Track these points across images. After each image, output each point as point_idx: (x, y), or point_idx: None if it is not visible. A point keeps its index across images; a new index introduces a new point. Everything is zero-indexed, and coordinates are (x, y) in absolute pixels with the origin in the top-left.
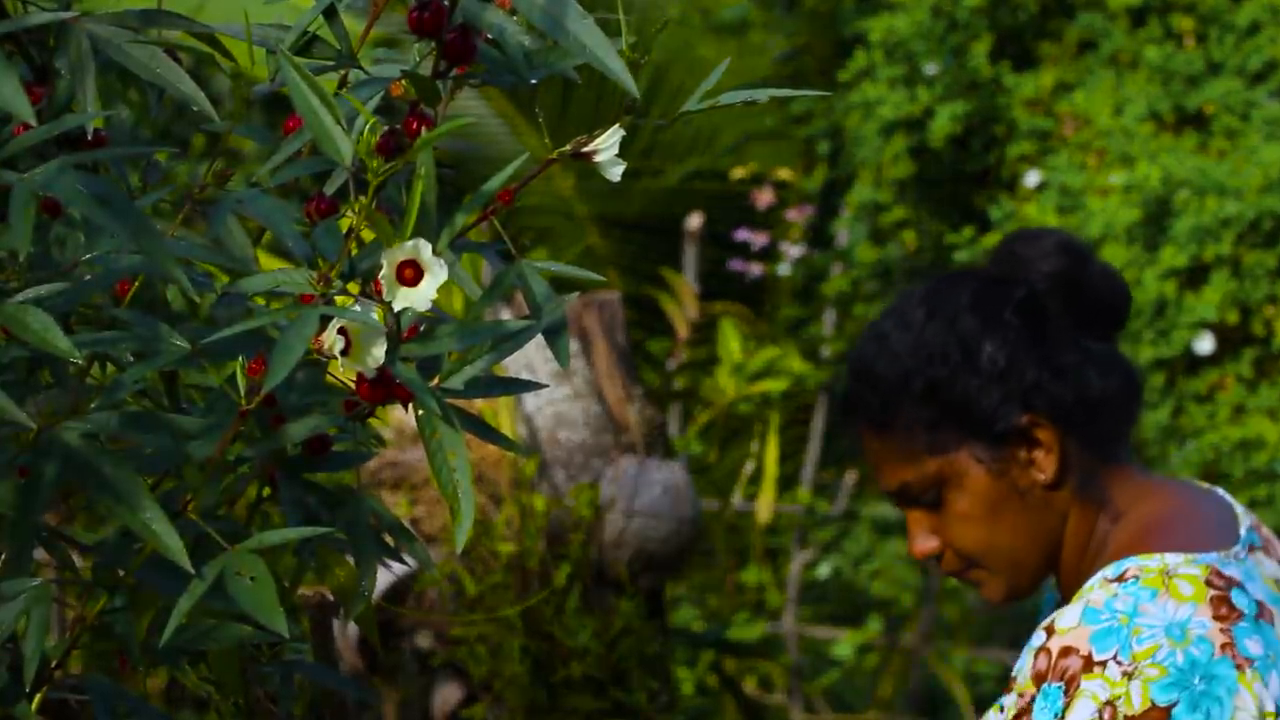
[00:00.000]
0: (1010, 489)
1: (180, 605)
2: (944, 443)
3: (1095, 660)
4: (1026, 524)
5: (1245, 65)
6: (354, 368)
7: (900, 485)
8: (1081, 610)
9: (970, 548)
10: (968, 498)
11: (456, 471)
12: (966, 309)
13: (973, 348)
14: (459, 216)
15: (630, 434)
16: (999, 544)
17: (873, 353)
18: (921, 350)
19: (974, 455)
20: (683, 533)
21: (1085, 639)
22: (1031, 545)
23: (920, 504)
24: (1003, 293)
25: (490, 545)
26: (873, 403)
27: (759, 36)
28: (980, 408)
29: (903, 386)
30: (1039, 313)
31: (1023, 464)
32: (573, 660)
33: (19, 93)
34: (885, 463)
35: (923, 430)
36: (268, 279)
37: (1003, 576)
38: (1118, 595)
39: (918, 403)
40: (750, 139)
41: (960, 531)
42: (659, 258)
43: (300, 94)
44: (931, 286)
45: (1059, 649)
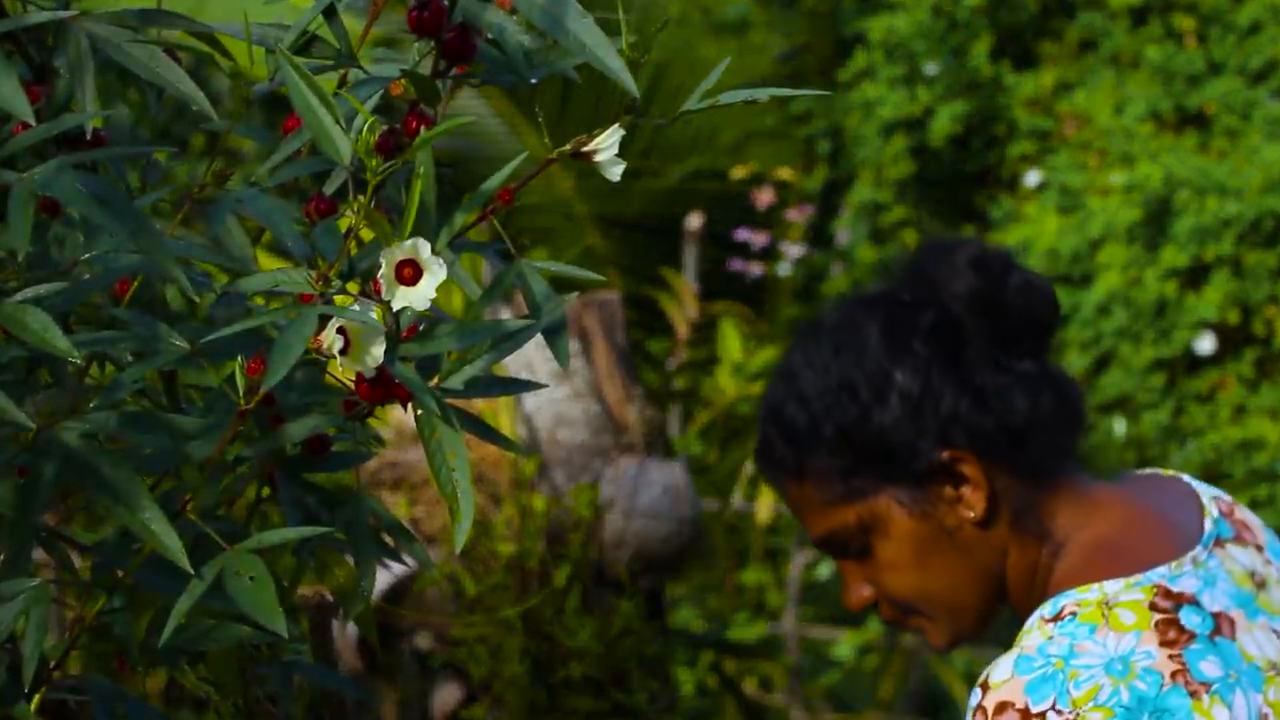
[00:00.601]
0: (938, 530)
1: (179, 605)
2: (862, 489)
3: (1033, 712)
4: (961, 566)
5: (1246, 65)
6: (353, 367)
7: (825, 534)
8: (1014, 660)
9: (904, 595)
10: (894, 544)
11: (456, 472)
12: (875, 340)
13: (883, 383)
14: (458, 216)
15: (630, 434)
16: (933, 590)
17: (781, 396)
18: (829, 391)
19: (895, 499)
20: (683, 533)
21: (1020, 691)
22: (969, 587)
23: (848, 553)
24: (912, 318)
25: (490, 546)
26: (785, 451)
27: (759, 36)
28: (895, 447)
29: (813, 433)
30: (953, 337)
31: (949, 502)
32: (572, 661)
33: (18, 92)
34: (806, 512)
35: (838, 478)
36: (267, 279)
37: (943, 622)
38: (1053, 638)
39: (830, 450)
40: (750, 138)
41: (891, 580)
42: (659, 258)
43: (299, 93)
44: (840, 316)
45: (994, 705)
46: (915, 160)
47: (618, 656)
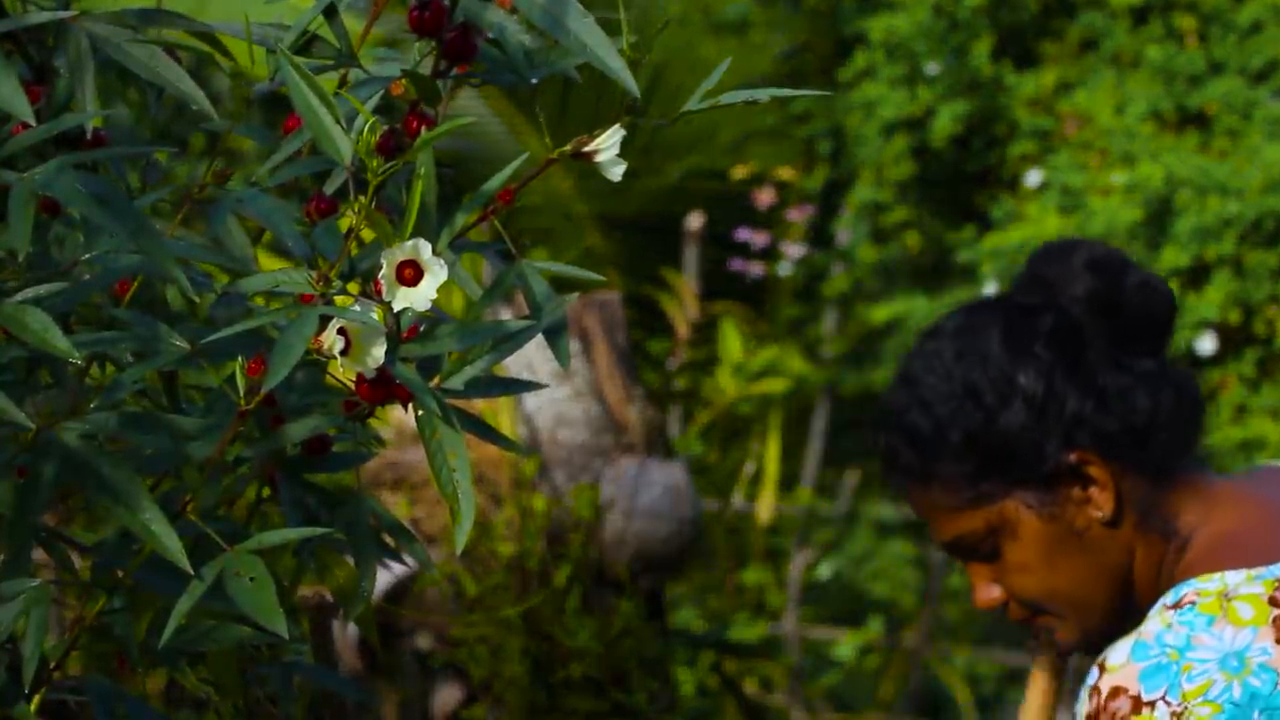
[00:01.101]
0: (1066, 531)
1: (179, 606)
2: (990, 493)
3: (1144, 700)
4: (1089, 565)
5: (1247, 65)
6: (354, 368)
7: (953, 538)
8: (1132, 645)
9: (1033, 596)
10: (1023, 546)
11: (456, 472)
12: (996, 345)
13: (1007, 388)
14: (459, 216)
15: (630, 434)
16: (1061, 590)
17: (903, 402)
18: (953, 396)
19: (1023, 501)
20: (683, 533)
21: (1134, 677)
22: (1097, 587)
23: (977, 556)
24: (1032, 323)
25: (490, 546)
26: (910, 457)
27: (760, 35)
28: (1021, 450)
29: (939, 439)
30: (1074, 339)
31: (1077, 503)
32: (573, 661)
33: (18, 92)
34: (933, 516)
35: (965, 482)
36: (267, 279)
37: (1072, 621)
38: (1171, 626)
39: (956, 455)
40: (751, 138)
41: (1021, 581)
42: (659, 257)
43: (300, 93)
44: (958, 322)
45: (1109, 689)
46: (916, 160)
47: (618, 656)
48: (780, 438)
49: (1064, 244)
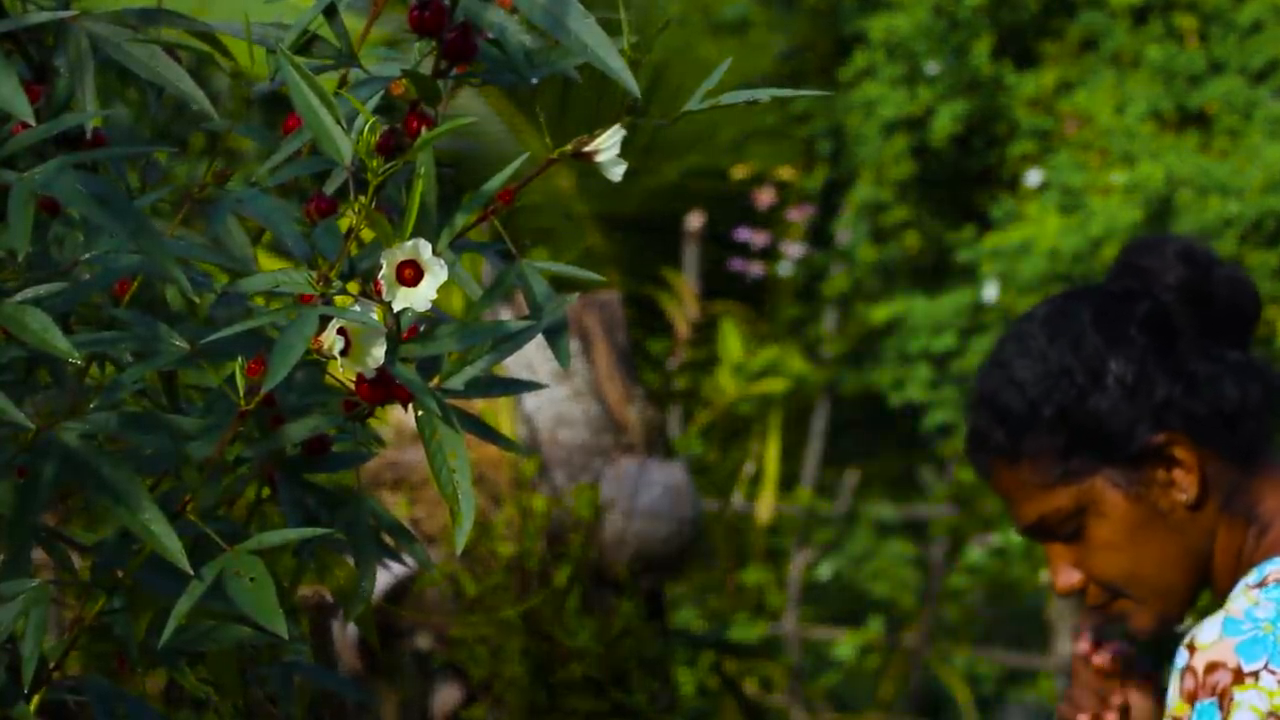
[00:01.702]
0: (1151, 512)
1: (179, 606)
2: (1079, 470)
3: (1246, 671)
4: (1171, 547)
5: (1247, 64)
6: (353, 368)
7: (1037, 519)
8: (1222, 622)
9: (1114, 578)
10: (1108, 526)
11: (456, 472)
12: (1089, 328)
13: (1100, 368)
14: (459, 216)
15: (630, 434)
16: (1144, 571)
17: (996, 383)
18: (1047, 376)
19: (1111, 480)
20: (683, 533)
21: (1230, 650)
22: (1178, 569)
23: (1059, 537)
24: (1126, 308)
25: (490, 546)
26: (1000, 436)
27: (760, 35)
28: (1112, 430)
29: (1031, 415)
30: (1166, 326)
31: (1162, 485)
32: (573, 661)
33: (18, 91)
34: (1019, 497)
35: (1055, 459)
36: (267, 279)
37: (1150, 604)
38: (1259, 603)
39: (1047, 431)
40: (751, 138)
41: (1103, 562)
42: (659, 257)
43: (300, 93)
44: (1050, 308)
45: (1204, 665)
46: (916, 160)
47: (618, 657)
48: (780, 438)
49: (1157, 237)
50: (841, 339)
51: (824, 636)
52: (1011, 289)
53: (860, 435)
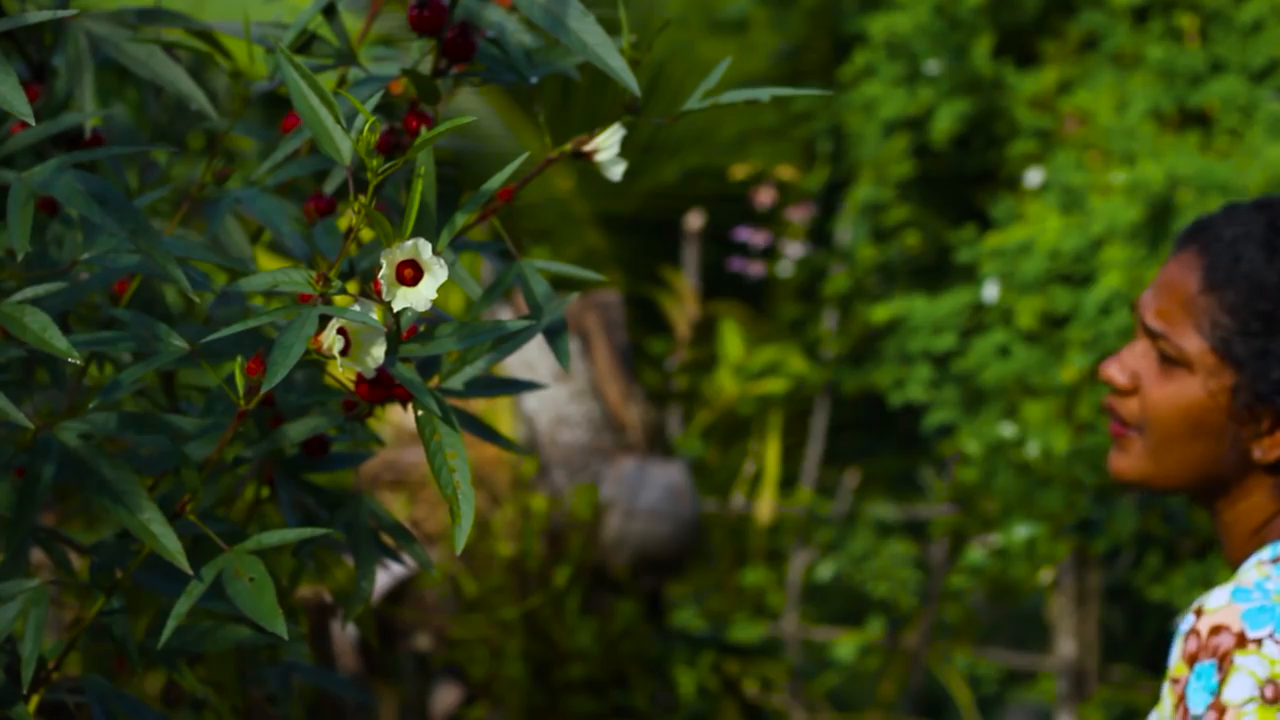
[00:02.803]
0: (1227, 432)
1: (178, 606)
2: (1232, 352)
3: (1249, 638)
4: (1209, 459)
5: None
6: (353, 368)
7: (1160, 330)
8: (1231, 590)
9: (1150, 420)
10: (1196, 399)
11: (456, 472)
12: None
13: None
14: (459, 216)
15: (630, 434)
16: (1176, 445)
17: (1263, 239)
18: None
19: (1236, 385)
20: (683, 533)
21: (1237, 616)
22: (1199, 475)
23: (1159, 349)
24: None
25: (490, 546)
26: (1221, 266)
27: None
28: (1278, 367)
29: (1255, 291)
30: None
31: (1255, 429)
32: (573, 662)
33: (17, 91)
34: (1175, 300)
35: (1229, 327)
36: (266, 278)
37: (1148, 463)
38: (1270, 576)
39: (1252, 311)
40: (751, 138)
41: (1158, 403)
42: (659, 257)
43: (299, 92)
44: None
45: (1209, 628)
46: (916, 160)
47: (618, 657)
48: (780, 438)
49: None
50: (841, 339)
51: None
52: (1012, 289)
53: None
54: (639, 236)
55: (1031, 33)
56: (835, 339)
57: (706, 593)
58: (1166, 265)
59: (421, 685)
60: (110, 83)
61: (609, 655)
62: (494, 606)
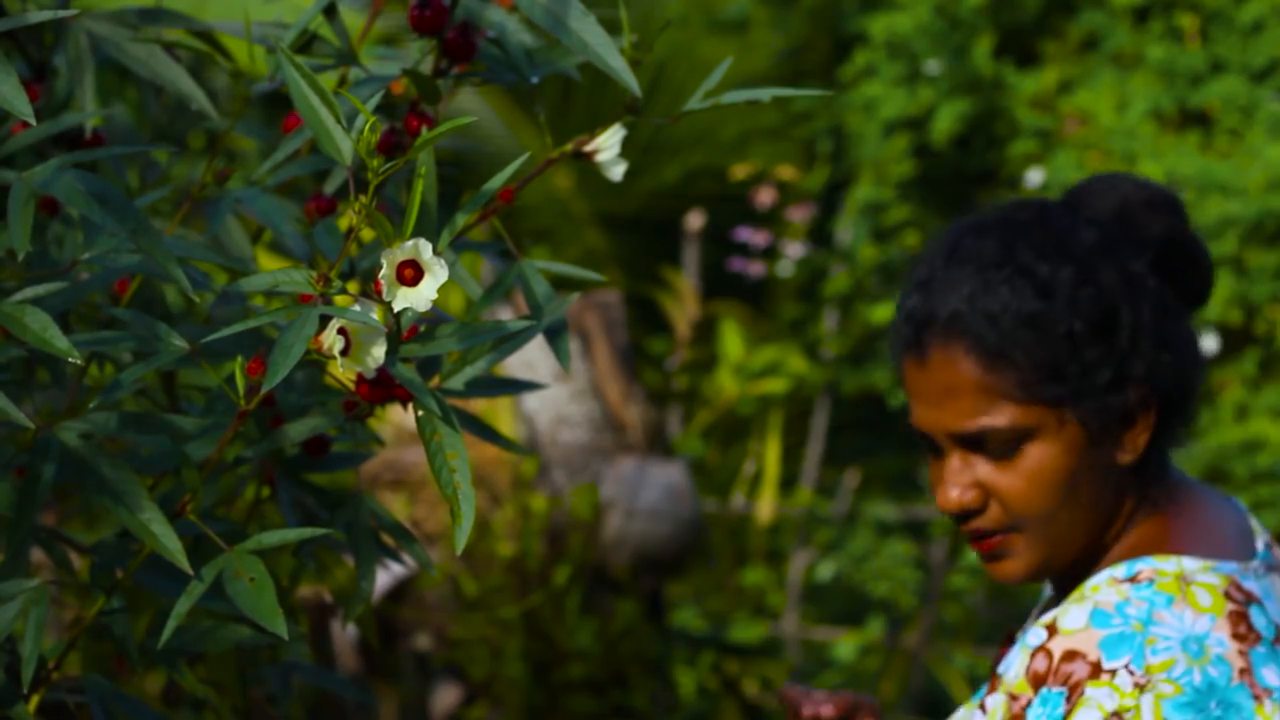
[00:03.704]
0: (1098, 460)
1: (178, 606)
2: (1055, 394)
3: (1104, 668)
4: (1094, 501)
5: (1249, 64)
6: (353, 368)
7: (980, 428)
8: (1090, 612)
9: (1026, 510)
10: (1053, 457)
11: (456, 472)
12: (1105, 261)
13: (1115, 310)
14: (459, 216)
15: (630, 434)
16: (1060, 512)
17: (1007, 278)
18: (1075, 294)
19: (1079, 415)
20: (683, 533)
21: (1094, 644)
22: (1087, 524)
23: (988, 451)
24: (1133, 249)
25: (490, 546)
26: (992, 334)
27: (760, 35)
28: (1104, 371)
29: (1041, 324)
30: (1167, 279)
31: (1115, 440)
32: (573, 662)
33: (18, 91)
34: (971, 398)
35: (1037, 377)
36: (267, 278)
37: (1040, 549)
38: (1130, 599)
39: (1045, 350)
40: (751, 137)
41: (1025, 490)
42: (659, 257)
43: (300, 92)
44: (1053, 223)
45: (1062, 651)
46: (916, 159)
47: (618, 657)
48: (780, 438)
49: (1119, 176)
50: (841, 339)
51: (824, 636)
52: None
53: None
54: (639, 236)
55: (1032, 33)
56: (835, 339)
57: (706, 593)
58: (924, 377)
59: (421, 685)
60: (111, 82)
61: (609, 655)
62: (494, 606)
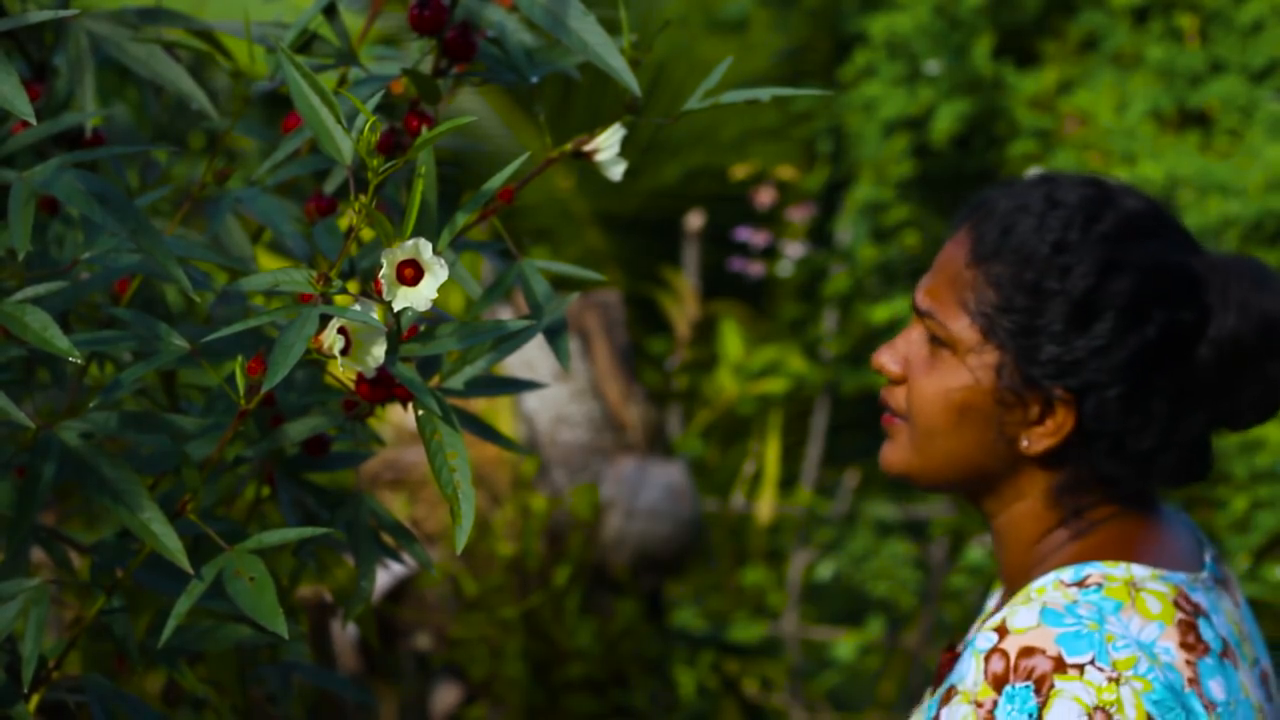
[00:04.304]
0: (993, 419)
1: (178, 606)
2: (995, 328)
3: (1069, 663)
4: (976, 450)
5: (1248, 64)
6: (354, 367)
7: (928, 309)
8: (1039, 611)
9: (913, 408)
10: (961, 384)
11: (456, 472)
12: (1148, 291)
13: (1099, 315)
14: (459, 216)
15: (630, 434)
16: (938, 436)
17: (1039, 208)
18: (1077, 257)
19: (1001, 365)
20: (683, 533)
21: (1051, 640)
22: (960, 467)
23: (931, 335)
24: (1223, 326)
25: (490, 546)
26: (990, 238)
27: (760, 35)
28: (1055, 349)
29: (1022, 262)
30: (1175, 355)
31: (1023, 415)
32: (572, 661)
33: (18, 90)
34: (942, 282)
35: (993, 302)
36: (267, 278)
37: (912, 455)
38: (1078, 602)
39: (1017, 284)
40: (751, 137)
41: (921, 389)
42: (659, 257)
43: (300, 92)
44: (1145, 209)
45: (1018, 649)
46: (916, 159)
47: (618, 657)
48: (780, 438)
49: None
50: (841, 339)
51: (824, 636)
52: None
53: (860, 435)
54: (639, 236)
55: (1031, 33)
56: (835, 339)
57: (706, 592)
58: (942, 248)
59: (421, 684)
60: (111, 82)
61: (609, 655)
62: (494, 606)
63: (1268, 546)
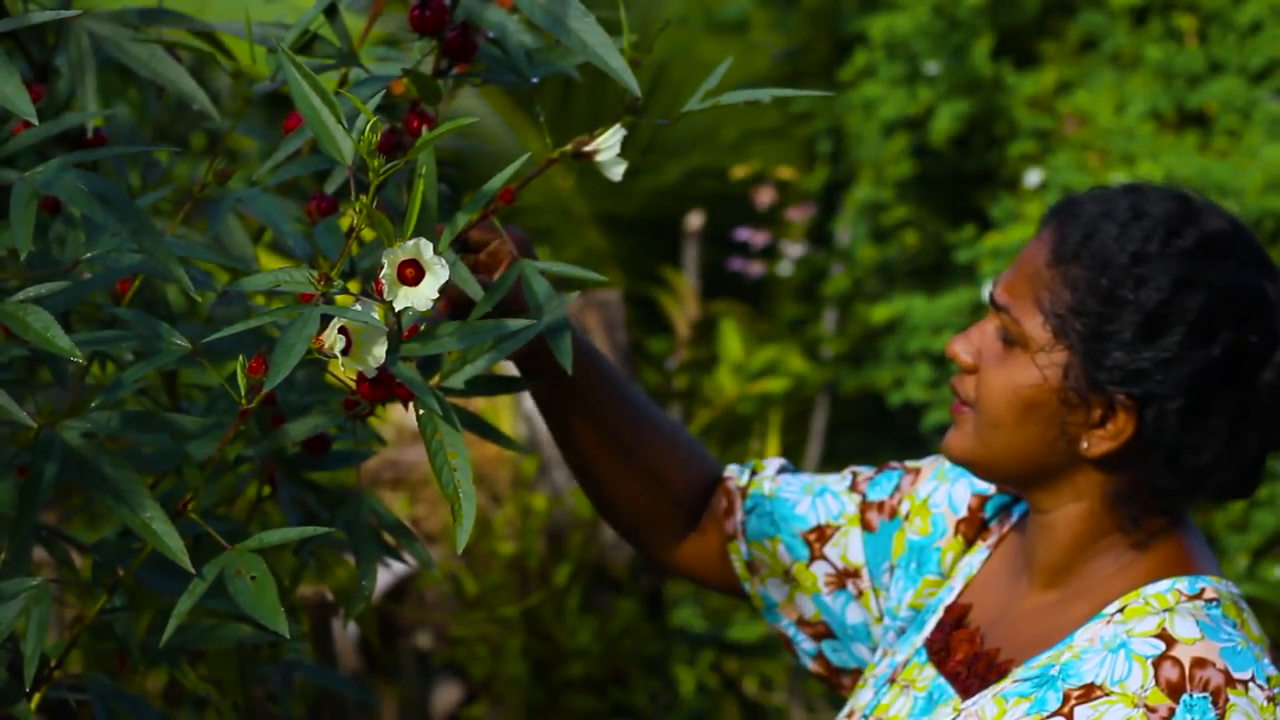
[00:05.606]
0: (1056, 417)
1: (180, 605)
2: (1067, 329)
3: (1235, 678)
4: (1036, 446)
5: (1247, 64)
6: (354, 367)
7: (1004, 304)
8: (1198, 624)
9: (981, 400)
10: (1027, 381)
11: (457, 471)
12: (1220, 305)
13: (1168, 327)
14: (460, 216)
15: None
16: (1003, 429)
17: (1124, 220)
18: (1153, 270)
19: (1069, 365)
20: None
21: (1216, 653)
22: (1021, 460)
23: (1003, 326)
24: (1252, 322)
25: (490, 545)
26: (1072, 240)
27: (760, 35)
28: (1118, 356)
29: (1100, 267)
30: (1241, 372)
31: (1085, 417)
32: (573, 661)
33: (20, 91)
34: (1022, 280)
35: (1068, 303)
36: (268, 278)
37: (975, 445)
38: (1216, 618)
39: (1092, 288)
40: (751, 137)
41: (991, 382)
42: (659, 257)
43: (301, 92)
44: (1229, 229)
45: (1191, 659)
46: (916, 159)
47: (618, 656)
48: (780, 438)
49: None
50: (841, 339)
51: None
52: None
53: (860, 435)
54: (639, 236)
55: (1031, 33)
56: (835, 339)
57: (706, 591)
58: (1028, 250)
59: (422, 683)
60: (112, 83)
61: (609, 654)
62: (494, 605)
63: (1266, 546)
